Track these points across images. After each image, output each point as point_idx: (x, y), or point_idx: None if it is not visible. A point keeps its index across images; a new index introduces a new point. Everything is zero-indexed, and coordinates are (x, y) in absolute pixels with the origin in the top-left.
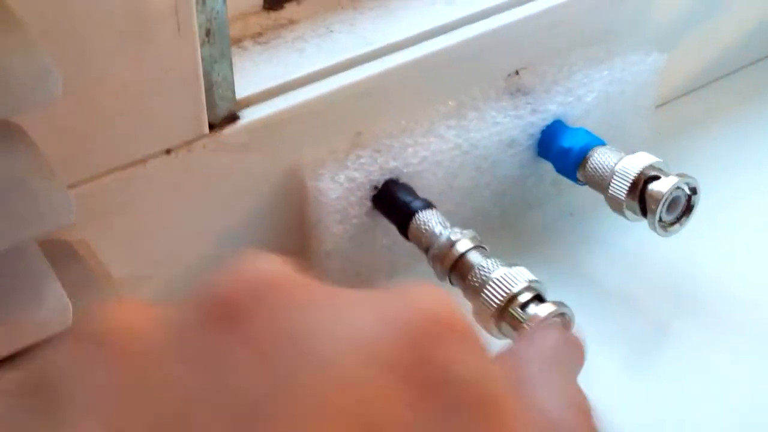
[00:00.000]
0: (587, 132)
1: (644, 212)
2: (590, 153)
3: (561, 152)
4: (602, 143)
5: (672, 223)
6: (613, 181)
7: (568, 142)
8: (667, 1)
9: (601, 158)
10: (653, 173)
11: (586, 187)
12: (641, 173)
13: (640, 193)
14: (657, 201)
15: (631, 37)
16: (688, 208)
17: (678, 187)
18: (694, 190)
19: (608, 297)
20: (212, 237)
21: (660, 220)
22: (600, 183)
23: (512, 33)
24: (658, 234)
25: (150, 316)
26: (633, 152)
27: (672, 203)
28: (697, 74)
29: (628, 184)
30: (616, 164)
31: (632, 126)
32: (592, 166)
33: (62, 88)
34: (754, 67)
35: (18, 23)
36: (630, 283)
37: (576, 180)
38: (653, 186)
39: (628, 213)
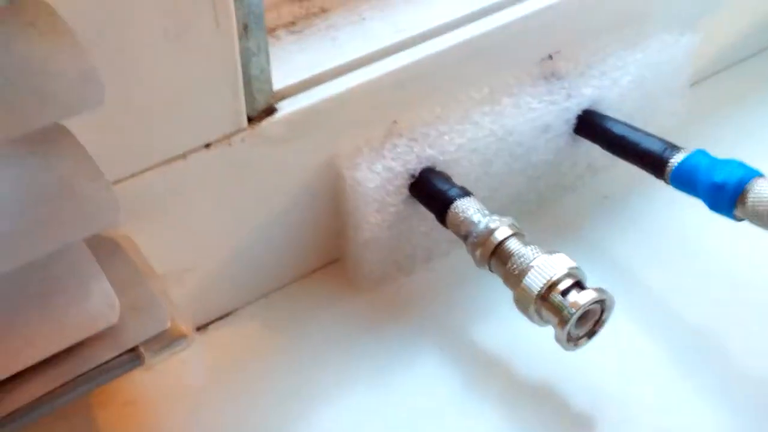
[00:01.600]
0: (741, 164)
1: None
2: (748, 186)
3: (713, 188)
4: (759, 174)
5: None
6: None
7: (720, 176)
8: None
9: (762, 191)
10: None
11: (621, 170)
12: None
13: None
14: None
15: (664, 18)
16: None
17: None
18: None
19: (644, 280)
20: (252, 228)
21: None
22: (764, 218)
23: (545, 17)
24: None
25: None
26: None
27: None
28: (730, 52)
29: None
30: None
31: (667, 107)
32: (753, 200)
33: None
34: None
35: (65, 28)
36: (665, 265)
37: (733, 217)
38: None
39: None
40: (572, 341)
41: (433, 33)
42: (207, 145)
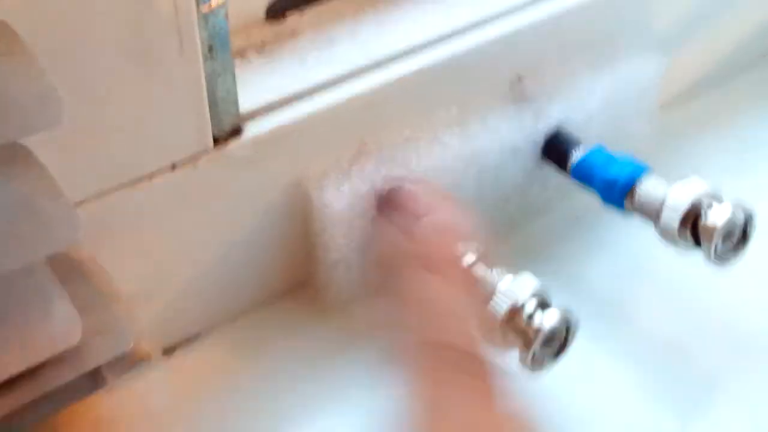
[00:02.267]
0: (633, 160)
1: (698, 242)
2: (638, 183)
3: (606, 183)
4: (650, 171)
5: (728, 253)
6: (663, 212)
7: (613, 172)
8: (667, 5)
9: (649, 188)
10: (707, 201)
11: (591, 192)
12: (693, 204)
13: (692, 224)
14: (712, 231)
15: (633, 41)
16: (744, 236)
17: (734, 216)
18: (749, 217)
19: (613, 302)
20: (219, 249)
21: (715, 250)
22: (650, 214)
23: (514, 40)
24: (714, 265)
25: None
26: (683, 179)
27: (727, 233)
28: (698, 77)
29: (680, 216)
30: (666, 194)
31: (635, 129)
32: (640, 196)
33: (66, 110)
34: (756, 68)
35: (23, 48)
36: (634, 286)
37: (624, 211)
38: (707, 215)
39: (681, 244)
40: (537, 363)
41: (402, 55)
42: (173, 166)
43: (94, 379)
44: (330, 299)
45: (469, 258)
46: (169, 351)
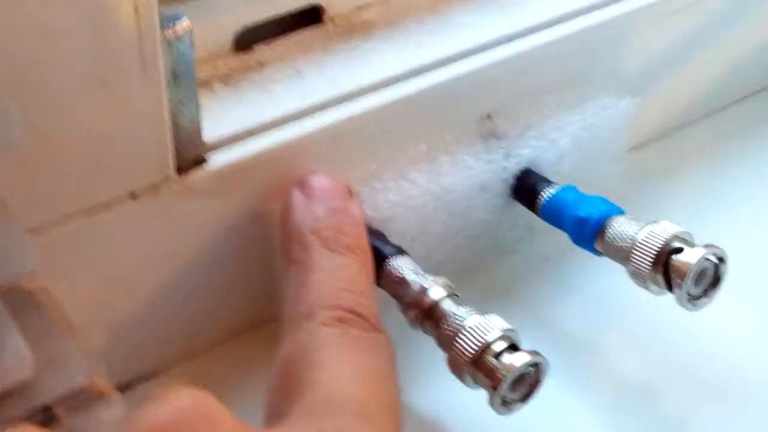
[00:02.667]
0: (604, 200)
1: (669, 285)
2: (608, 223)
3: (576, 222)
4: (621, 212)
5: (699, 297)
6: (634, 254)
7: (583, 211)
8: (638, 46)
9: (620, 228)
10: (678, 244)
11: (561, 233)
12: (664, 246)
13: (664, 266)
14: (683, 274)
15: (604, 81)
16: (716, 279)
17: (706, 258)
18: (721, 260)
19: (582, 344)
20: (179, 282)
21: (688, 294)
22: (620, 255)
23: (484, 77)
24: (686, 309)
25: None
26: (655, 221)
27: (699, 275)
28: (669, 118)
29: (651, 258)
30: (637, 235)
31: (605, 170)
32: (611, 236)
33: (22, 132)
34: (726, 111)
35: None
36: (604, 329)
37: (595, 251)
38: (678, 258)
39: (652, 287)
40: (506, 405)
41: (371, 89)
42: (132, 195)
43: (46, 416)
44: None
45: (438, 293)
46: (124, 388)
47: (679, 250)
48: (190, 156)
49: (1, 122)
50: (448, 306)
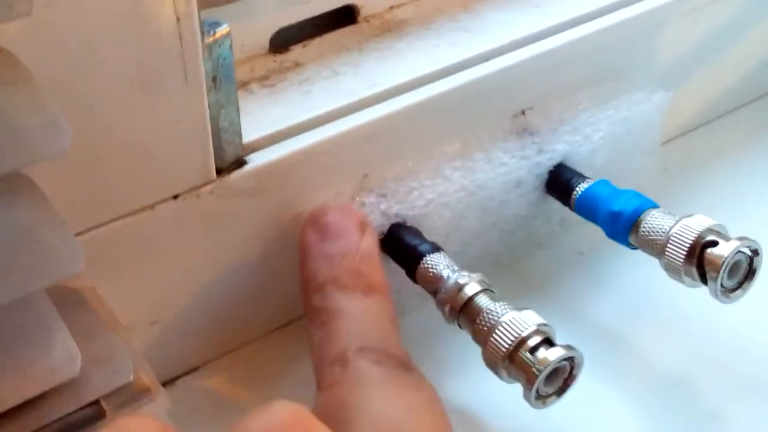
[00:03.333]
0: (637, 194)
1: (703, 278)
2: (642, 216)
3: (610, 216)
4: (655, 205)
5: (734, 289)
6: (668, 247)
7: (617, 205)
8: (670, 39)
9: (654, 222)
10: (712, 237)
11: (596, 227)
12: (698, 239)
13: (698, 259)
14: (717, 267)
15: (636, 75)
16: (751, 272)
17: (739, 251)
18: (755, 252)
19: (617, 338)
20: (220, 281)
21: (722, 286)
22: (655, 248)
23: (518, 73)
24: (720, 302)
25: None
26: (689, 215)
27: (733, 268)
28: (702, 111)
29: (685, 251)
30: (671, 228)
31: (638, 164)
32: (645, 230)
33: (70, 140)
34: (758, 103)
35: (28, 76)
36: (639, 323)
37: (629, 245)
38: (712, 251)
39: (686, 280)
40: (541, 399)
41: (406, 87)
42: (175, 197)
43: (93, 412)
44: None
45: (473, 288)
46: (169, 383)
47: (714, 243)
48: (230, 158)
49: (50, 130)
50: (484, 301)
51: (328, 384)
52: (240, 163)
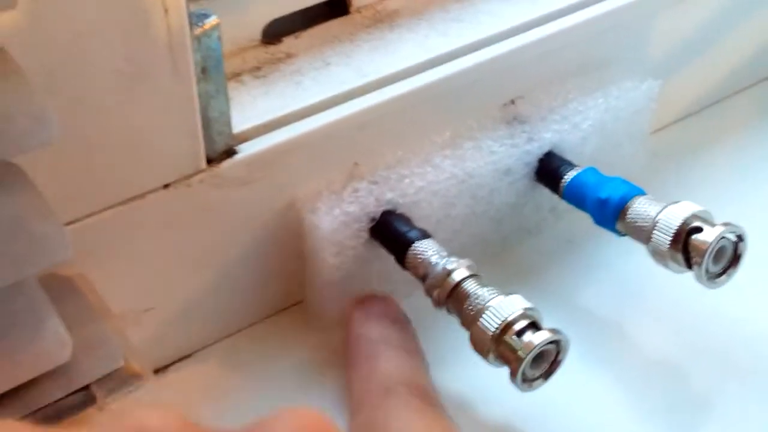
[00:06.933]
0: (624, 181)
1: (689, 264)
2: (629, 203)
3: (598, 203)
4: (641, 192)
5: (719, 275)
6: (654, 233)
7: (605, 192)
8: (660, 29)
9: (641, 208)
10: (697, 223)
11: (585, 215)
12: (684, 225)
13: (683, 245)
14: (702, 252)
15: (626, 64)
16: (736, 257)
17: (724, 237)
18: (740, 238)
19: (606, 323)
20: (211, 269)
21: (707, 271)
22: (641, 234)
23: (507, 63)
24: (706, 287)
25: None
26: (675, 201)
27: (718, 253)
28: (692, 100)
29: (671, 237)
30: (657, 215)
31: (628, 152)
32: (632, 217)
33: (59, 130)
34: (747, 92)
35: (15, 68)
36: (628, 309)
37: (616, 232)
38: (697, 237)
39: (672, 265)
40: (527, 382)
41: (396, 77)
42: (166, 186)
43: (84, 397)
44: (322, 319)
45: (461, 274)
46: (160, 369)
47: (699, 229)
48: (220, 147)
49: (37, 120)
50: (471, 286)
51: (366, 407)
52: (230, 152)
